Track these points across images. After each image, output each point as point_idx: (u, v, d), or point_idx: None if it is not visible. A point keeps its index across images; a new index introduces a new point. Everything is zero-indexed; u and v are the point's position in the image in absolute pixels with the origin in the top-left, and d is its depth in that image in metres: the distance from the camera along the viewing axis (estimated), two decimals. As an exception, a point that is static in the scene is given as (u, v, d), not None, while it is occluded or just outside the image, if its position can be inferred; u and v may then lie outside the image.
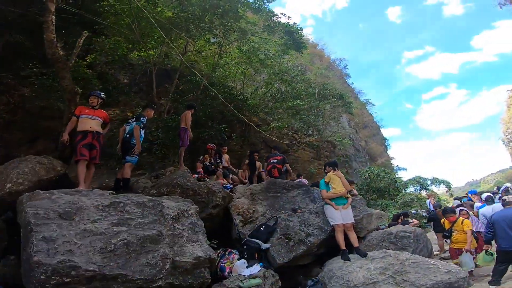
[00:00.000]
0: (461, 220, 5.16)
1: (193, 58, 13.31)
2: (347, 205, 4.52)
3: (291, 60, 17.46)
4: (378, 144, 38.88)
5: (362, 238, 4.82)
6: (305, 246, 4.24)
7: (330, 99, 17.46)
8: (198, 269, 2.99)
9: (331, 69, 46.53)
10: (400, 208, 13.55)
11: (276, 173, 6.10)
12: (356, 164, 29.72)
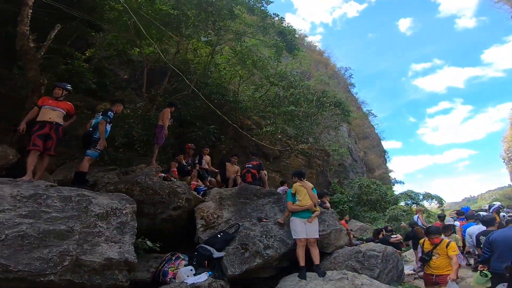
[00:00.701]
0: (446, 243, 4.38)
1: (189, 56, 13.24)
2: (311, 219, 4.22)
3: (291, 64, 17.34)
4: (377, 156, 38.48)
5: (329, 254, 4.55)
6: (261, 259, 3.99)
7: (328, 107, 17.27)
8: (109, 270, 2.84)
9: (336, 77, 46.43)
10: (388, 222, 13.26)
11: (250, 178, 5.90)
12: (353, 174, 29.39)
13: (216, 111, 9.22)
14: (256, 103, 16.86)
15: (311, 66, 40.79)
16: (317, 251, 4.14)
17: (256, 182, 5.81)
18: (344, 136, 33.01)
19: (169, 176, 5.09)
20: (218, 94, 12.32)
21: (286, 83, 16.52)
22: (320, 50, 52.18)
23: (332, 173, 16.22)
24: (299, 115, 16.16)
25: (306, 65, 19.64)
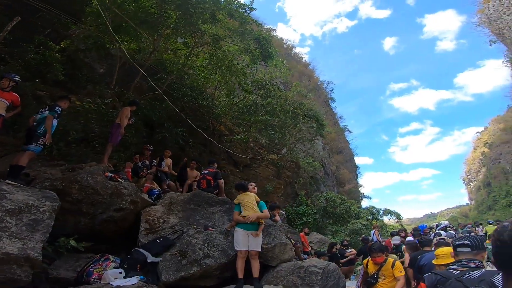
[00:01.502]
0: (391, 262, 3.98)
1: (166, 56, 13.08)
2: (257, 233, 4.13)
3: (270, 74, 17.59)
4: (349, 171, 39.77)
5: (273, 268, 4.54)
6: (199, 267, 3.91)
7: (302, 119, 17.65)
8: (6, 264, 2.77)
9: (317, 90, 47.77)
10: (349, 236, 13.63)
11: (204, 184, 5.83)
12: (324, 187, 30.07)
13: (181, 115, 9.07)
14: (232, 109, 16.92)
15: (295, 77, 41.80)
16: (257, 264, 4.10)
17: (211, 189, 5.74)
18: (318, 150, 33.89)
19: (117, 177, 4.90)
20: (191, 97, 12.21)
21: (264, 92, 16.76)
22: (306, 62, 53.67)
23: (301, 185, 16.48)
24: (273, 125, 16.39)
25: (285, 75, 19.97)
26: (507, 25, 32.14)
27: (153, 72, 12.10)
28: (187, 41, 11.83)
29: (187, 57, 12.45)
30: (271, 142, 15.82)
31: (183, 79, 12.84)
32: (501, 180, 42.05)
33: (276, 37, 50.42)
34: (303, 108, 18.05)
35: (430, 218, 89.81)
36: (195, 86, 13.31)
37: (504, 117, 47.76)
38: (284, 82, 33.91)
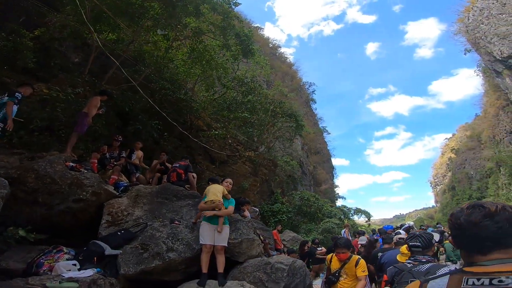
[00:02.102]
0: (355, 260, 3.75)
1: (146, 48, 12.66)
2: (220, 227, 4.08)
3: (252, 71, 17.55)
4: (326, 171, 40.75)
5: (240, 264, 4.53)
6: (161, 261, 3.84)
7: (280, 118, 17.80)
8: None
9: (300, 90, 48.40)
10: (321, 234, 13.97)
11: (175, 177, 5.72)
12: (301, 187, 30.58)
13: (155, 106, 8.84)
14: (211, 105, 16.72)
15: (278, 76, 42.06)
16: (222, 259, 4.08)
17: (181, 183, 5.63)
18: (297, 149, 34.43)
19: (79, 166, 4.68)
20: (169, 90, 11.92)
21: (245, 89, 16.71)
22: (290, 62, 54.15)
23: (277, 183, 16.66)
24: (252, 122, 16.41)
25: (267, 74, 20.03)
26: (484, 35, 33.01)
27: (131, 64, 11.71)
28: (167, 33, 11.55)
29: (167, 50, 12.13)
30: (249, 139, 15.83)
31: (163, 72, 12.50)
32: (465, 185, 44.99)
33: (263, 35, 50.57)
34: (283, 107, 18.21)
35: (399, 219, 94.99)
36: (175, 80, 13.01)
37: (471, 125, 51.05)
38: (267, 81, 34.14)
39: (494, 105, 37.15)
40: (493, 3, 32.30)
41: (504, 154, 24.65)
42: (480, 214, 1.04)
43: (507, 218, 1.02)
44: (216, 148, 13.94)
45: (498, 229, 1.00)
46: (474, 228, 1.03)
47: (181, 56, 13.05)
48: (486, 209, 1.04)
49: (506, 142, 34.10)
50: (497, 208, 1.03)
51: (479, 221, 1.03)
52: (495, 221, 1.01)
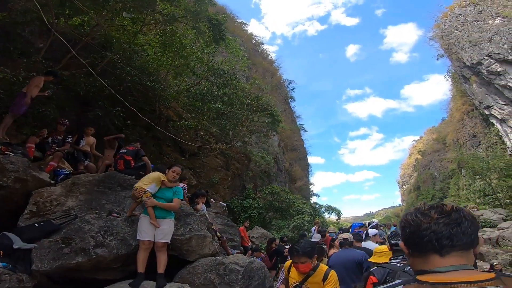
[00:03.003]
0: (323, 272, 2.80)
1: (113, 33, 11.63)
2: (153, 221, 3.50)
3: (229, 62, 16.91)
4: (301, 169, 41.09)
5: (190, 263, 4.04)
6: (86, 257, 3.29)
7: (255, 112, 17.40)
8: None
9: (279, 87, 48.34)
10: (292, 231, 13.80)
11: (122, 165, 5.09)
12: (277, 183, 30.52)
13: (113, 92, 8.07)
14: (185, 95, 15.92)
15: (259, 72, 41.61)
16: (164, 257, 3.58)
17: (129, 171, 5.00)
18: (274, 145, 34.32)
19: (5, 149, 3.94)
20: (136, 77, 11.05)
21: (222, 81, 16.08)
22: (272, 59, 53.94)
23: (249, 178, 16.27)
24: (227, 115, 15.84)
25: (244, 65, 19.50)
26: (457, 41, 33.44)
27: (96, 49, 10.73)
28: (134, 16, 10.68)
29: (134, 35, 11.23)
30: (222, 132, 15.26)
31: (132, 59, 11.56)
32: (429, 185, 47.60)
33: (246, 31, 49.88)
34: (260, 102, 17.81)
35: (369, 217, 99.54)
36: (145, 67, 12.14)
37: (437, 128, 54.01)
38: (247, 76, 33.56)
39: (460, 110, 39.37)
40: (470, 10, 32.90)
41: (465, 156, 26.15)
42: (437, 211, 1.03)
43: (464, 216, 1.00)
44: (187, 140, 13.24)
45: (456, 226, 0.98)
46: (432, 225, 0.99)
47: (153, 43, 12.18)
48: (443, 208, 1.03)
49: (468, 146, 36.31)
50: (453, 208, 1.03)
51: (437, 218, 1.00)
52: (452, 219, 0.99)
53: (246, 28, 50.53)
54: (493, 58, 28.83)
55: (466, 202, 22.25)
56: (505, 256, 11.40)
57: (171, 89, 14.49)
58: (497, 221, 14.98)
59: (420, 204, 1.08)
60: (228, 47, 15.19)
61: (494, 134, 30.99)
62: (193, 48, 12.08)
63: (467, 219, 0.99)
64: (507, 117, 28.80)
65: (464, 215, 1.00)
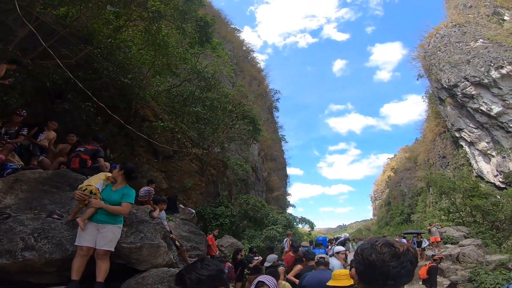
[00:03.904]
0: None
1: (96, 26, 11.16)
2: (82, 223, 3.20)
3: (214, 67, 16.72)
4: (279, 179, 41.20)
5: (140, 273, 3.71)
6: (12, 259, 2.96)
7: (235, 118, 17.24)
8: None
9: (264, 96, 48.65)
10: (264, 242, 13.58)
11: (77, 164, 4.71)
12: (254, 192, 30.33)
13: (82, 87, 7.64)
14: (165, 95, 15.50)
15: (246, 79, 41.69)
16: (105, 266, 3.28)
17: (84, 170, 4.61)
18: (254, 154, 34.23)
19: None
20: (113, 73, 10.59)
21: (205, 85, 15.83)
22: (260, 68, 54.41)
23: (225, 186, 15.95)
24: (206, 119, 15.54)
25: (230, 71, 19.41)
26: (438, 61, 33.12)
27: (74, 42, 10.21)
28: (118, 10, 10.34)
29: (117, 30, 10.84)
30: (200, 136, 14.93)
31: (113, 54, 11.10)
32: (399, 201, 49.40)
33: (238, 37, 50.12)
34: (242, 109, 17.69)
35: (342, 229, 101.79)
36: (126, 64, 11.69)
37: (411, 147, 56.54)
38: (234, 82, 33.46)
39: (433, 131, 41.41)
40: (454, 31, 32.83)
41: (434, 176, 27.35)
42: (390, 253, 1.13)
43: (409, 259, 1.13)
44: (162, 142, 12.79)
45: (401, 269, 1.11)
46: (383, 267, 1.12)
47: (136, 39, 11.79)
48: (395, 249, 1.14)
49: (437, 166, 38.11)
50: (404, 249, 1.14)
51: (388, 260, 1.12)
52: (399, 262, 1.11)
53: (238, 34, 50.91)
54: (469, 81, 28.61)
55: (431, 219, 23.18)
56: (464, 272, 11.64)
57: (151, 88, 14.06)
58: (459, 238, 15.63)
59: (376, 243, 1.18)
60: (215, 51, 15.04)
61: (462, 156, 32.63)
62: (177, 48, 11.80)
63: (411, 262, 1.13)
64: (475, 140, 29.97)
65: (410, 259, 1.13)
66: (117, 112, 11.20)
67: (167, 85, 15.87)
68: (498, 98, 26.80)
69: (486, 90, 27.60)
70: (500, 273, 10.47)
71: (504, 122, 26.47)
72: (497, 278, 10.00)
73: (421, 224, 29.43)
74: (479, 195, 17.41)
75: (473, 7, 34.20)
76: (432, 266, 8.50)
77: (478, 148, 29.77)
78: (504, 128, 26.82)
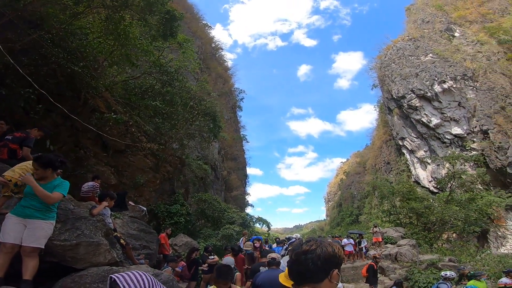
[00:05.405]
0: None
1: (50, 10, 10.04)
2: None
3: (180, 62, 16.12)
4: (239, 178, 41.32)
5: (77, 271, 3.45)
6: None
7: (201, 117, 16.90)
8: None
9: (229, 95, 48.30)
10: (220, 241, 13.53)
11: (5, 154, 4.24)
12: (213, 191, 29.99)
13: (21, 72, 6.89)
14: (121, 87, 14.54)
15: (212, 76, 40.89)
16: (33, 263, 3.01)
17: (14, 161, 4.15)
18: (213, 152, 33.83)
19: None
20: (63, 60, 9.64)
21: (168, 79, 15.19)
22: (227, 66, 53.85)
23: (181, 183, 15.53)
24: (164, 114, 14.96)
25: (194, 68, 18.92)
26: (391, 73, 35.23)
27: (24, 26, 9.06)
28: None
29: (74, 16, 9.92)
30: (157, 132, 14.33)
31: (66, 41, 10.07)
32: (349, 203, 53.11)
33: (209, 33, 48.93)
34: (203, 106, 17.37)
35: (298, 229, 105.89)
36: (81, 51, 10.71)
37: (361, 153, 61.12)
38: (198, 79, 32.60)
39: (381, 138, 45.28)
40: (409, 45, 35.33)
41: (377, 181, 29.87)
42: (301, 251, 1.27)
43: (317, 256, 1.23)
44: (114, 135, 11.96)
45: (311, 265, 1.23)
46: (297, 262, 1.27)
47: (95, 27, 10.88)
48: (305, 247, 1.27)
49: (383, 171, 41.81)
50: (310, 248, 1.26)
51: (299, 256, 1.27)
52: (306, 258, 1.24)
53: (209, 31, 49.83)
54: (415, 93, 31.15)
55: (375, 220, 25.37)
56: (401, 271, 12.51)
57: (106, 78, 13.09)
58: (397, 239, 17.20)
59: (300, 243, 1.33)
60: (182, 47, 14.57)
61: (403, 163, 36.26)
62: (140, 39, 11.20)
63: (321, 259, 1.23)
64: (415, 149, 33.46)
65: (317, 255, 1.23)
66: (63, 101, 10.25)
67: (124, 76, 14.93)
68: (437, 111, 30.12)
69: (428, 103, 30.66)
70: (431, 272, 11.42)
71: (441, 133, 30.00)
72: (429, 277, 10.95)
73: (367, 225, 32.02)
74: (415, 198, 19.43)
75: (430, 22, 36.56)
76: (370, 265, 9.22)
77: (417, 156, 33.33)
78: (440, 139, 30.38)
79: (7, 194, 3.23)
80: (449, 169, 22.37)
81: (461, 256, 14.49)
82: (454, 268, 11.26)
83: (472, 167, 24.88)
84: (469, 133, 27.92)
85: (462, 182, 21.56)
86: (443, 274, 7.47)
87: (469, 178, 22.20)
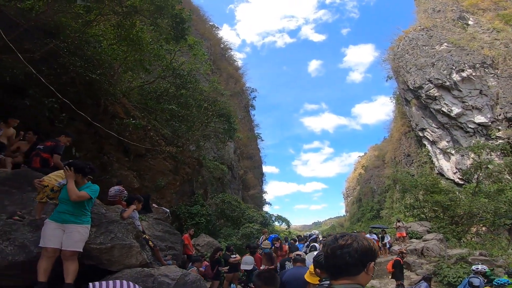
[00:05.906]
0: None
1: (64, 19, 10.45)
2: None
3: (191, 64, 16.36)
4: (255, 177, 41.41)
5: (111, 274, 3.58)
6: None
7: (216, 118, 17.09)
8: None
9: (241, 94, 48.49)
10: (240, 240, 13.62)
11: (38, 163, 4.42)
12: (230, 190, 30.24)
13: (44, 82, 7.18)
14: (138, 92, 14.94)
15: (223, 77, 41.24)
16: (73, 267, 3.14)
17: (46, 170, 4.32)
18: (229, 152, 34.08)
19: None
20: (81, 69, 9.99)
21: (180, 82, 15.47)
22: (238, 66, 54.05)
23: (200, 184, 15.76)
24: (181, 117, 15.22)
25: (206, 69, 19.11)
26: (405, 64, 34.45)
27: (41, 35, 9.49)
28: (89, 4, 9.81)
29: (86, 24, 10.25)
30: (174, 134, 14.60)
31: (82, 49, 10.45)
32: (369, 198, 51.93)
33: (217, 34, 49.37)
34: (218, 107, 17.53)
35: (316, 226, 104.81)
36: (97, 59, 11.08)
37: (379, 146, 59.59)
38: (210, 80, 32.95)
39: (399, 130, 43.92)
40: (422, 35, 34.43)
41: (398, 174, 28.99)
42: (336, 245, 1.31)
43: (354, 250, 1.27)
44: (134, 140, 12.31)
45: (348, 258, 1.27)
46: (332, 256, 1.31)
47: (108, 34, 11.21)
48: (340, 241, 1.31)
49: (403, 163, 40.56)
50: (346, 242, 1.30)
51: (334, 251, 1.31)
52: (342, 252, 1.28)
53: (217, 32, 50.20)
54: (433, 83, 30.33)
55: (398, 214, 24.64)
56: (429, 266, 12.17)
57: (122, 84, 13.48)
58: (422, 233, 16.65)
59: (333, 237, 1.38)
60: (193, 49, 14.74)
61: (425, 154, 35.01)
62: (152, 44, 11.43)
63: (357, 252, 1.27)
64: (437, 140, 32.31)
65: (354, 249, 1.27)
66: (84, 108, 10.62)
67: (140, 82, 15.32)
68: (458, 100, 29.07)
69: (448, 92, 29.68)
70: (461, 267, 11.12)
71: (463, 122, 28.82)
72: (459, 272, 10.67)
73: (389, 220, 31.21)
74: (439, 191, 18.70)
75: (441, 11, 35.83)
76: (397, 260, 9.00)
77: (439, 147, 32.11)
78: (463, 128, 29.19)
79: (43, 200, 3.38)
80: (475, 159, 21.38)
81: (492, 250, 13.83)
82: (486, 262, 10.80)
83: (499, 157, 23.65)
84: (493, 121, 26.64)
85: (489, 172, 20.51)
86: (474, 268, 7.15)
87: (497, 168, 21.07)
